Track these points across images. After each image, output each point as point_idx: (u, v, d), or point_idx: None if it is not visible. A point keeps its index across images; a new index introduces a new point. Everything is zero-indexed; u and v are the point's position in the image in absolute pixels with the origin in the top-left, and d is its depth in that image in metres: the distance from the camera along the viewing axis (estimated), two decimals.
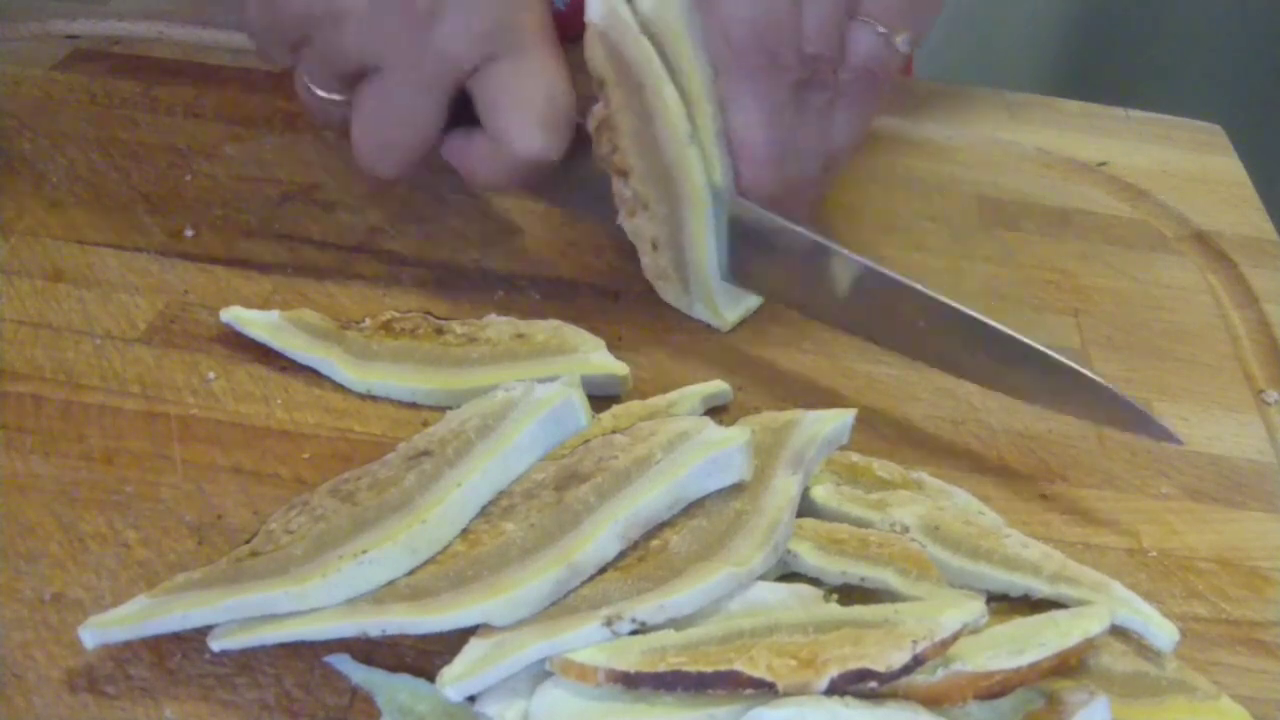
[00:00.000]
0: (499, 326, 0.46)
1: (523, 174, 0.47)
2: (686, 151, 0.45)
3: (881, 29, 0.47)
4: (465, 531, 0.36)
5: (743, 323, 0.50)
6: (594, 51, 0.45)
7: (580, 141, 0.47)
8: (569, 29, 0.70)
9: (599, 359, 0.44)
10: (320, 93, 0.48)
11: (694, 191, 0.46)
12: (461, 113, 0.47)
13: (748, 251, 0.48)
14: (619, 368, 0.44)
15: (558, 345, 0.45)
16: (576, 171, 0.48)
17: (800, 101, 0.47)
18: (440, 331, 0.45)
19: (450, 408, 0.42)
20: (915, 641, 0.31)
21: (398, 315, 0.46)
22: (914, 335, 0.45)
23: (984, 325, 0.43)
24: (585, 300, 0.51)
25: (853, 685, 0.31)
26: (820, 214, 0.56)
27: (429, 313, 0.46)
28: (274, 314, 0.45)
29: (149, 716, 0.33)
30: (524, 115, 0.46)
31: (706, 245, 0.47)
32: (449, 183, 0.57)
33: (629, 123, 0.45)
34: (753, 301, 0.50)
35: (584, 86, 0.46)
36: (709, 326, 0.49)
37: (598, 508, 0.35)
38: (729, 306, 0.49)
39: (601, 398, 0.44)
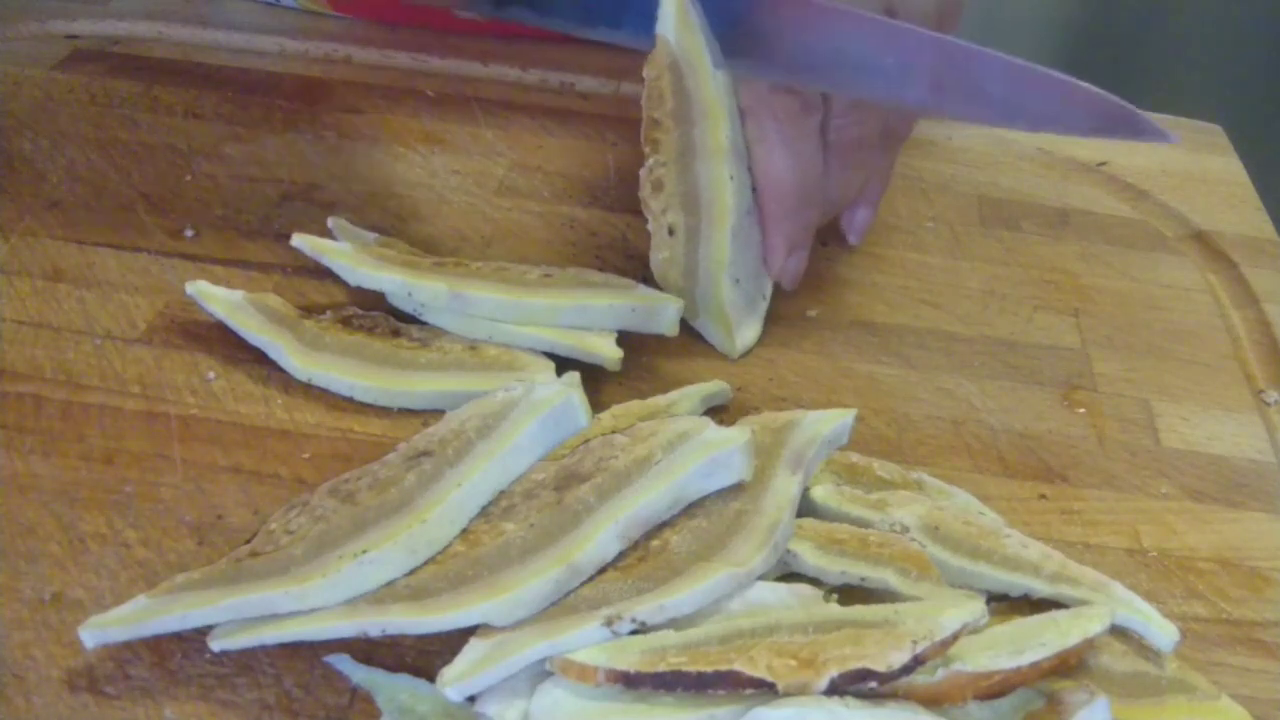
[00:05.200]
0: (454, 337, 0.46)
1: None
2: (725, 186, 0.46)
3: None
4: (465, 531, 0.36)
5: None
6: (660, 74, 0.46)
7: None
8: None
9: (543, 387, 0.42)
10: None
11: (721, 221, 0.46)
12: None
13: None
14: (559, 396, 0.43)
15: (507, 362, 0.44)
16: None
17: (826, 144, 0.47)
18: (397, 333, 0.46)
19: (388, 408, 0.43)
20: (915, 641, 0.31)
21: (359, 312, 0.46)
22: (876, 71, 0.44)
23: (950, 44, 0.42)
24: None
25: (853, 685, 0.31)
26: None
27: (392, 313, 0.46)
28: (237, 294, 0.46)
29: (149, 716, 0.33)
30: None
31: (724, 276, 0.47)
32: (449, 183, 0.57)
33: (675, 146, 0.46)
34: (755, 331, 0.49)
35: None
36: None
37: (598, 508, 0.35)
38: (739, 333, 0.48)
39: None
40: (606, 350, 0.45)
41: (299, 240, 0.47)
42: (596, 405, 0.42)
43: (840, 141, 0.47)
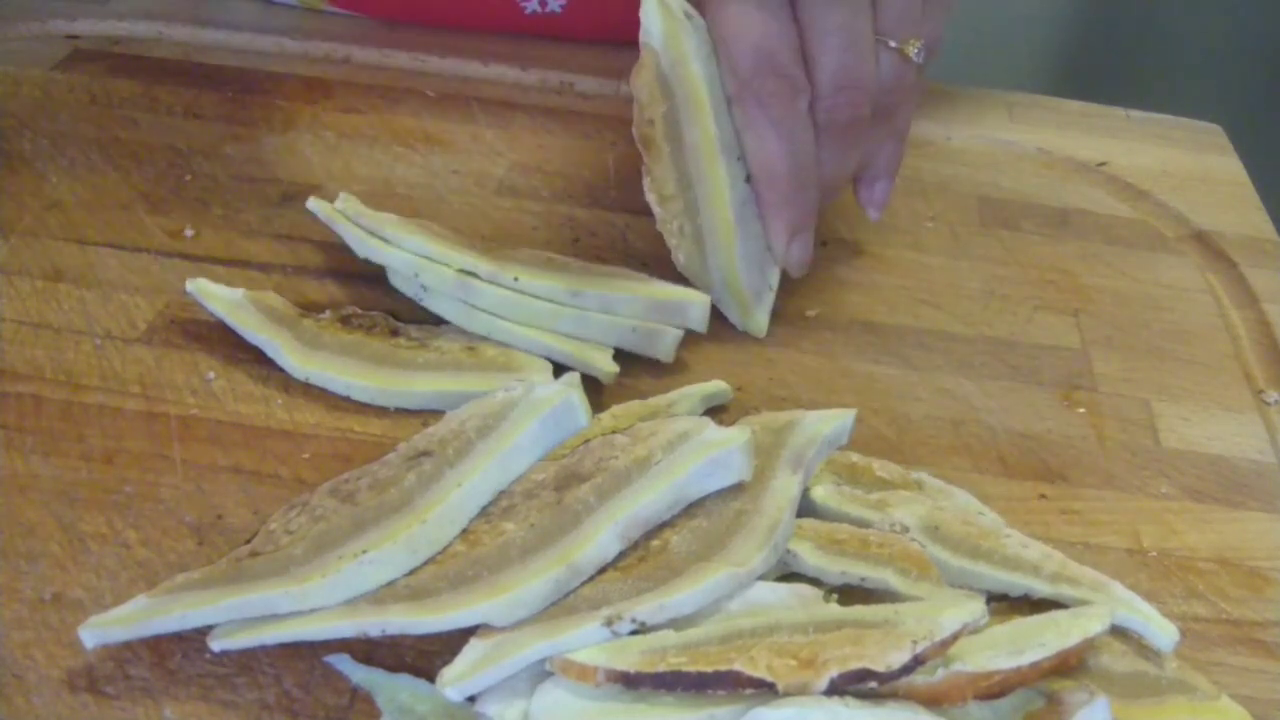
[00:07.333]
0: (453, 337, 0.46)
1: None
2: (721, 183, 0.46)
3: (893, 43, 0.47)
4: (465, 531, 0.36)
5: None
6: (649, 84, 0.45)
7: None
8: (565, 30, 0.70)
9: (543, 387, 0.41)
10: None
11: (721, 214, 0.46)
12: None
13: None
14: (559, 396, 0.43)
15: (504, 363, 0.44)
16: None
17: (816, 125, 0.47)
18: (395, 333, 0.46)
19: (387, 408, 0.43)
20: (915, 641, 0.31)
21: (358, 312, 0.46)
22: None
23: None
24: None
25: (853, 685, 0.31)
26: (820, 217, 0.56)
27: (391, 314, 0.46)
28: (237, 292, 0.46)
29: (149, 716, 0.33)
30: None
31: (736, 269, 0.47)
32: (449, 183, 0.57)
33: (668, 149, 0.46)
34: (769, 299, 0.49)
35: None
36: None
37: (598, 508, 0.35)
38: (760, 311, 0.49)
39: None
40: (603, 364, 0.45)
41: (314, 204, 0.46)
42: (596, 405, 0.42)
43: (831, 122, 0.47)
